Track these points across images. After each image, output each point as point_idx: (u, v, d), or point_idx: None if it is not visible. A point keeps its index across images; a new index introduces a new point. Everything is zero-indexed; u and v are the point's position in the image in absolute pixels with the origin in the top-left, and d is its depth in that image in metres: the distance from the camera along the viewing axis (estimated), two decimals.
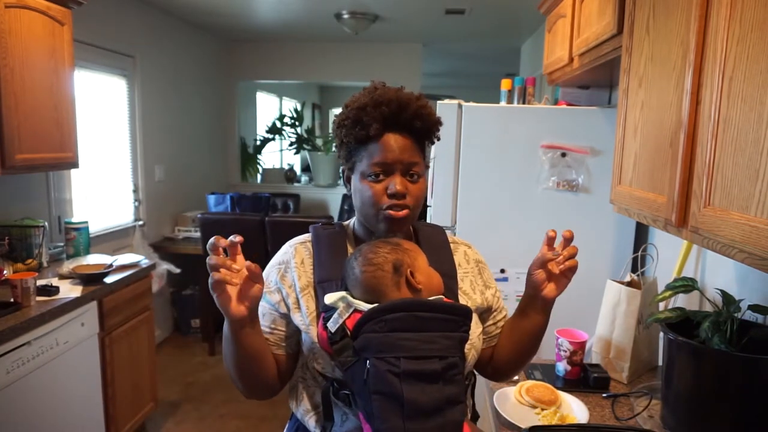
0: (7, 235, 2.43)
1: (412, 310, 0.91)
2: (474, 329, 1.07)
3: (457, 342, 0.92)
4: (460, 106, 2.11)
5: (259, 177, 6.24)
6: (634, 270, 1.88)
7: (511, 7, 3.90)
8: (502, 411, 1.36)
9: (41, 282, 2.24)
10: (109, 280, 2.46)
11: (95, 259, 2.66)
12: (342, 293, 0.97)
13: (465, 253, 1.18)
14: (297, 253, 1.10)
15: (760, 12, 0.80)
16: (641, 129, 1.28)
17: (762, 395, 1.13)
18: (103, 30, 3.43)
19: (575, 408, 1.40)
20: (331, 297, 0.96)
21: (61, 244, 2.84)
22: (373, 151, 1.02)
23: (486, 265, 1.20)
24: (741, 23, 0.84)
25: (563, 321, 1.57)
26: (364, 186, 1.03)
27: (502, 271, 2.11)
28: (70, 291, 2.26)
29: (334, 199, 5.70)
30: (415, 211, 1.05)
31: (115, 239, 3.64)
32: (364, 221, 1.09)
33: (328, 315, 0.94)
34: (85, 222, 2.84)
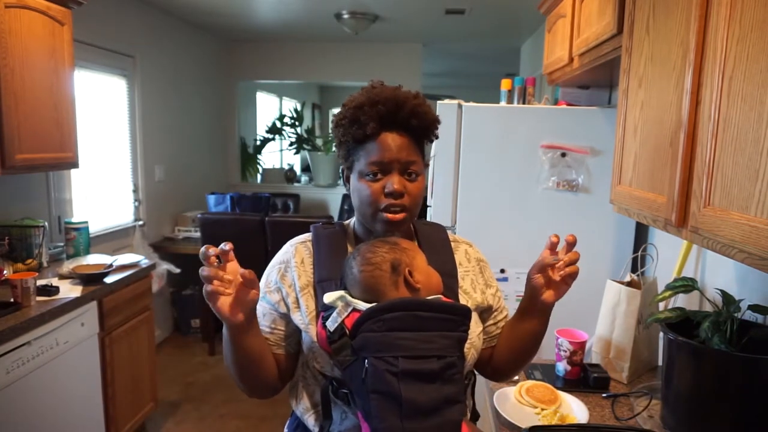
0: (7, 235, 2.44)
1: (410, 309, 0.91)
2: (474, 328, 1.07)
3: (456, 341, 0.92)
4: (460, 106, 2.11)
5: (259, 177, 6.24)
6: (634, 270, 1.88)
7: (511, 7, 3.90)
8: (502, 411, 1.36)
9: (41, 282, 2.24)
10: (109, 280, 2.46)
11: (95, 259, 2.66)
12: (341, 292, 0.97)
13: (466, 252, 1.17)
14: (297, 253, 1.10)
15: (760, 12, 0.80)
16: (641, 129, 1.27)
17: (762, 395, 1.13)
18: (103, 30, 3.43)
19: (575, 408, 1.40)
20: (330, 296, 0.96)
21: (61, 244, 2.84)
22: (371, 150, 1.02)
23: (487, 264, 1.19)
24: (741, 23, 0.84)
25: (563, 321, 1.57)
26: (362, 185, 1.03)
27: (502, 271, 2.11)
28: (70, 291, 2.26)
29: (334, 199, 5.70)
30: (414, 211, 1.05)
31: (115, 239, 3.64)
32: (362, 220, 1.09)
33: (327, 314, 0.95)
34: (85, 222, 2.84)
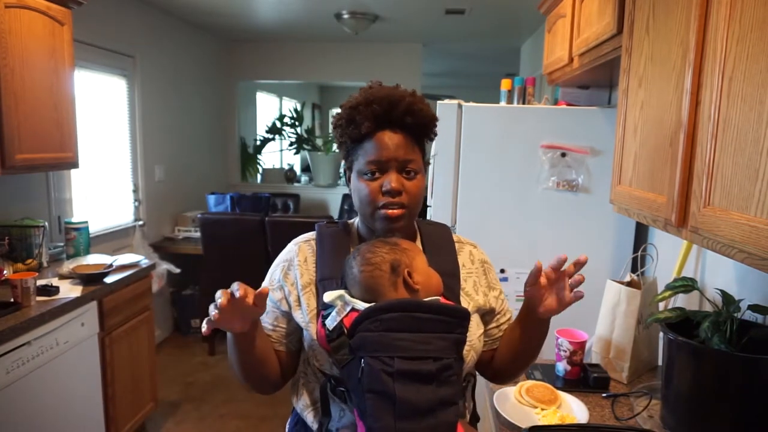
0: (7, 235, 2.44)
1: (407, 310, 0.91)
2: (474, 331, 1.07)
3: (453, 343, 0.92)
4: (460, 106, 2.11)
5: (259, 177, 6.24)
6: (634, 270, 1.88)
7: (511, 7, 3.90)
8: (502, 411, 1.36)
9: (41, 282, 2.24)
10: (109, 280, 2.46)
11: (95, 259, 2.66)
12: (340, 292, 0.98)
13: (470, 253, 1.17)
14: (300, 251, 1.11)
15: (759, 12, 0.80)
16: (641, 129, 1.27)
17: (762, 395, 1.13)
18: (103, 30, 3.43)
19: (575, 408, 1.40)
20: (330, 295, 0.97)
21: (61, 244, 2.84)
22: (368, 150, 1.02)
23: (492, 266, 1.19)
24: (741, 23, 0.84)
25: (563, 321, 1.57)
26: (361, 184, 1.04)
27: (501, 271, 2.11)
28: (70, 291, 2.26)
29: (334, 199, 5.70)
30: (413, 209, 1.05)
31: (115, 239, 3.64)
32: (363, 220, 1.10)
33: (326, 313, 0.96)
34: (85, 222, 2.84)
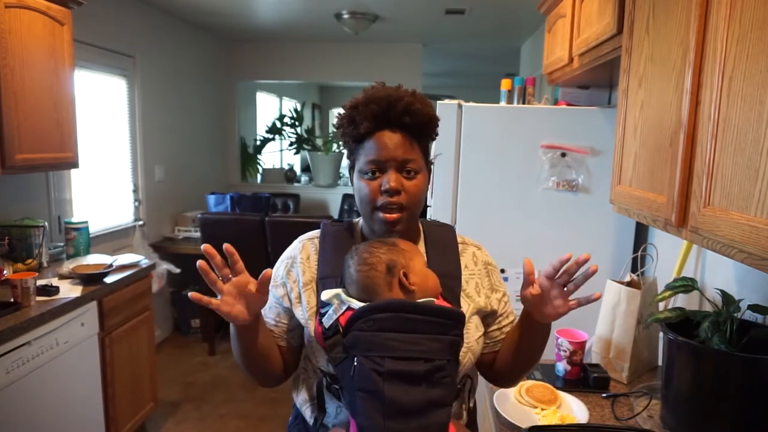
0: (7, 235, 2.44)
1: (400, 311, 0.92)
2: (473, 333, 1.07)
3: (447, 345, 0.92)
4: (460, 106, 2.11)
5: (259, 177, 6.24)
6: (634, 270, 1.88)
7: (511, 7, 3.90)
8: (502, 411, 1.36)
9: (41, 282, 2.24)
10: (109, 280, 2.46)
11: (95, 259, 2.66)
12: (338, 290, 0.99)
13: (474, 255, 1.16)
14: (304, 249, 1.12)
15: (759, 12, 0.80)
16: (641, 129, 1.27)
17: (762, 395, 1.13)
18: (103, 30, 3.43)
19: (575, 408, 1.40)
20: (327, 293, 0.98)
21: (61, 244, 2.84)
22: (368, 149, 1.03)
23: (496, 268, 1.18)
24: (741, 23, 0.84)
25: (563, 321, 1.55)
26: (361, 183, 1.04)
27: (502, 271, 2.09)
28: (70, 291, 2.26)
29: (334, 199, 5.70)
30: (413, 209, 1.05)
31: (115, 239, 3.64)
32: (364, 219, 1.10)
33: (324, 311, 0.97)
34: (85, 222, 2.84)
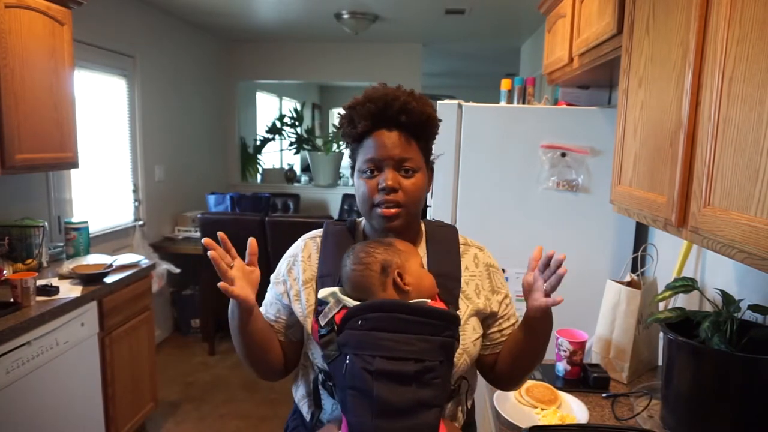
0: (7, 235, 2.43)
1: (392, 311, 0.92)
2: (470, 335, 1.07)
3: (438, 346, 0.92)
4: (460, 106, 2.11)
5: (259, 177, 6.24)
6: (634, 270, 1.88)
7: (511, 7, 3.90)
8: (502, 411, 1.36)
9: (41, 282, 2.24)
10: (109, 280, 2.46)
11: (95, 259, 2.66)
12: (334, 289, 1.00)
13: (475, 256, 1.16)
14: (306, 248, 1.13)
15: (760, 12, 0.80)
16: (641, 129, 1.27)
17: (762, 395, 1.13)
18: (103, 30, 3.43)
19: (575, 408, 1.40)
20: (324, 292, 1.00)
21: (61, 244, 2.84)
22: (367, 148, 1.04)
23: (498, 270, 1.18)
24: (741, 23, 0.84)
25: (563, 321, 1.57)
26: (360, 182, 1.05)
27: (502, 271, 2.10)
28: (70, 291, 2.26)
29: (334, 199, 5.70)
30: (412, 208, 1.05)
31: (115, 239, 3.64)
32: (364, 218, 1.11)
33: (320, 309, 0.99)
34: (85, 222, 2.84)
